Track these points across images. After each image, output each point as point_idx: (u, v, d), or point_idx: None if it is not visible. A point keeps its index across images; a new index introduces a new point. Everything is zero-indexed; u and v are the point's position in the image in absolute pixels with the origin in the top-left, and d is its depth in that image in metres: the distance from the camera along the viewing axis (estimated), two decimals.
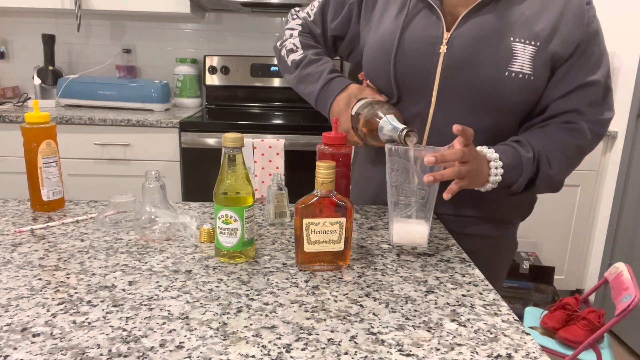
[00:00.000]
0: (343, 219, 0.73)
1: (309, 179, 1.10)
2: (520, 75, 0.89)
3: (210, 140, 2.16)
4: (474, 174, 0.84)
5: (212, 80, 2.67)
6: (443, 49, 0.91)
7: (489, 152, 0.88)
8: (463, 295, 0.70)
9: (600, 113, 0.94)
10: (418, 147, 0.83)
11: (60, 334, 0.57)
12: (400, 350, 0.56)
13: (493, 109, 0.93)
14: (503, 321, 0.63)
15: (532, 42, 0.89)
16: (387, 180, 0.84)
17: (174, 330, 0.59)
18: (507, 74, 0.89)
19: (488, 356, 0.56)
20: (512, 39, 0.89)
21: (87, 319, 0.60)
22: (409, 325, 0.61)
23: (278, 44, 1.14)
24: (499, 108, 0.93)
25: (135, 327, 0.59)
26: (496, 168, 0.88)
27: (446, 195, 0.81)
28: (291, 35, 1.12)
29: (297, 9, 1.18)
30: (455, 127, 0.78)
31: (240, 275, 0.74)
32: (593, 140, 0.95)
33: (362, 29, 1.06)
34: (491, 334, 0.60)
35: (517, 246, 1.15)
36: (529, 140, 0.92)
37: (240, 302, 0.66)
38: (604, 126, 0.96)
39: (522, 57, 0.89)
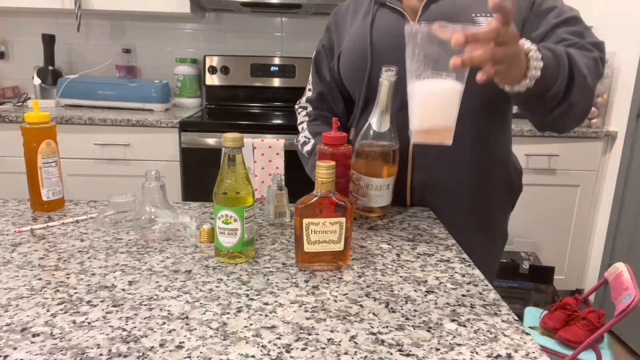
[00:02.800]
0: (343, 219, 0.73)
1: (309, 179, 1.10)
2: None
3: (210, 140, 2.16)
4: (511, 59, 0.72)
5: (212, 80, 2.67)
6: None
7: (526, 42, 0.77)
8: (463, 295, 0.70)
9: (590, 36, 0.92)
10: (444, 26, 0.69)
11: (60, 334, 0.57)
12: (400, 350, 0.56)
13: (473, 81, 0.95)
14: (503, 321, 0.63)
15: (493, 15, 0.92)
16: (407, 67, 0.73)
17: (174, 330, 0.59)
18: None
19: (488, 356, 0.56)
20: (473, 15, 0.93)
21: (87, 319, 0.61)
22: (408, 325, 0.61)
23: (295, 140, 1.20)
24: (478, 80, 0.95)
25: (135, 327, 0.59)
26: (536, 60, 0.75)
27: (480, 76, 0.69)
28: (302, 129, 1.17)
29: (299, 101, 1.23)
30: (492, 2, 0.66)
31: (240, 275, 0.74)
32: (597, 61, 0.89)
33: (337, 47, 1.12)
34: (491, 334, 0.60)
35: (507, 238, 1.18)
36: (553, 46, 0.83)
37: (240, 302, 0.66)
38: (600, 48, 0.92)
39: None
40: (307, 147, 1.13)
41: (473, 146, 1.02)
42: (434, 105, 0.71)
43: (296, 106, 1.24)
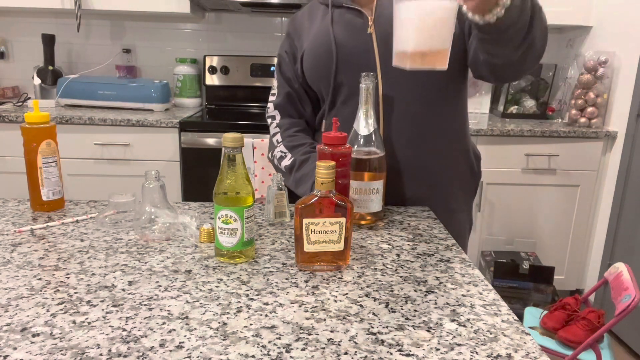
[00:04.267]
0: (343, 219, 0.73)
1: None
2: None
3: (210, 140, 2.16)
4: None
5: (212, 80, 2.67)
6: (371, 29, 1.03)
7: None
8: (463, 295, 0.70)
9: None
10: None
11: (60, 334, 0.57)
12: (400, 350, 0.56)
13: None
14: (503, 321, 0.63)
15: None
16: None
17: (174, 330, 0.59)
18: None
19: (488, 356, 0.56)
20: None
21: (87, 319, 0.61)
22: (408, 325, 0.61)
23: (270, 155, 1.19)
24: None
25: (135, 327, 0.59)
26: None
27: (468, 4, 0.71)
28: (277, 142, 1.16)
29: (267, 109, 1.22)
30: None
31: (240, 275, 0.74)
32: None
33: (299, 51, 1.14)
34: (491, 334, 0.60)
35: (472, 223, 1.23)
36: None
37: (240, 302, 0.66)
38: None
39: None
40: (286, 162, 1.12)
41: (434, 129, 1.07)
42: (433, 24, 0.66)
43: (266, 114, 1.23)
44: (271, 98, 1.20)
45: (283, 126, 1.17)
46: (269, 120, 1.20)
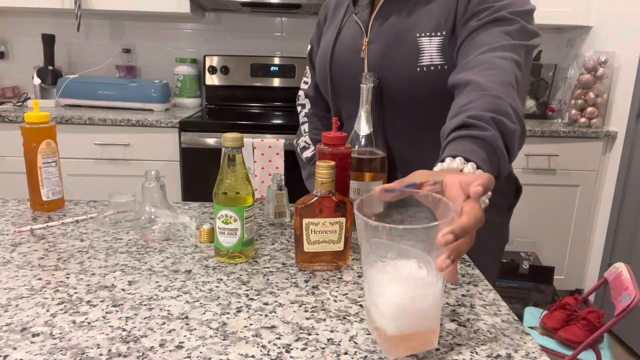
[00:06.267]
0: (343, 219, 0.73)
1: None
2: (432, 68, 0.90)
3: (210, 140, 2.16)
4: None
5: (212, 80, 2.67)
6: (364, 54, 0.98)
7: (468, 168, 0.67)
8: (463, 295, 0.70)
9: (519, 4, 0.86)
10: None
11: (60, 333, 0.57)
12: None
13: (416, 103, 0.95)
14: (503, 321, 0.63)
15: (437, 33, 0.90)
16: (364, 255, 0.56)
17: (174, 330, 0.59)
18: (418, 69, 0.91)
19: (488, 356, 0.56)
20: (417, 35, 0.91)
21: (86, 318, 0.60)
22: None
23: (295, 142, 1.21)
24: (421, 101, 0.94)
25: (135, 327, 0.59)
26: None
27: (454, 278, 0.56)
28: (304, 132, 1.18)
29: (298, 96, 1.22)
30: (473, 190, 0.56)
31: (240, 275, 0.74)
32: (519, 64, 0.82)
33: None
34: (491, 334, 0.60)
35: (508, 239, 1.13)
36: (472, 113, 0.73)
37: (240, 302, 0.66)
38: (526, 20, 0.85)
39: (429, 50, 0.90)
40: (307, 154, 1.14)
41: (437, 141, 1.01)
42: (425, 309, 0.53)
43: (297, 102, 1.24)
44: (303, 85, 1.20)
45: (310, 117, 1.18)
46: (299, 108, 1.21)
